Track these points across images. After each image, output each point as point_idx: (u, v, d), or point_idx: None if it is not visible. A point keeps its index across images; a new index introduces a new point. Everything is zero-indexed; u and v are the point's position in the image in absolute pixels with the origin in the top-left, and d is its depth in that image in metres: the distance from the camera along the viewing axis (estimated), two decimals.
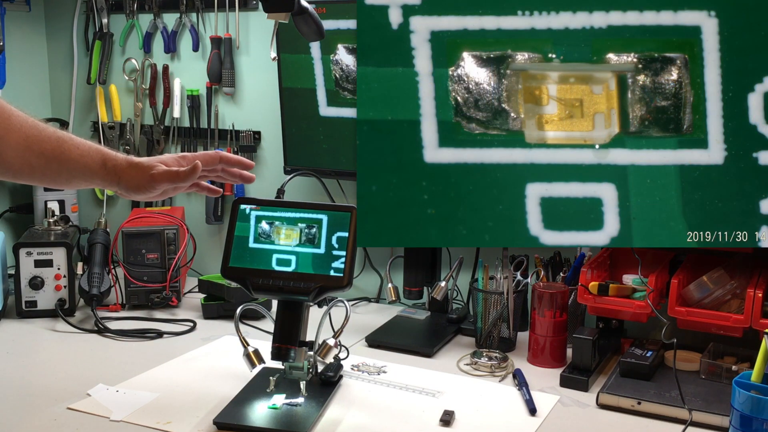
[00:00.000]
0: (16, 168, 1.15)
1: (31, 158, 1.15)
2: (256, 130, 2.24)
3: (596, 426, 1.39)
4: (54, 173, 1.18)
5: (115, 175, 1.23)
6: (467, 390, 1.53)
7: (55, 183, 1.22)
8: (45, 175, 1.18)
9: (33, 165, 1.16)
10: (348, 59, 1.86)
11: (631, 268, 1.64)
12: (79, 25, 2.44)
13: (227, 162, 1.38)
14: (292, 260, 1.39)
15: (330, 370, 1.51)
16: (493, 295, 1.72)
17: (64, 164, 1.18)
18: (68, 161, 1.18)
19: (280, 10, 1.48)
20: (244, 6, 2.19)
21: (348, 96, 1.89)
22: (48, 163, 1.17)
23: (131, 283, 1.98)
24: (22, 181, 1.21)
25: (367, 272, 2.14)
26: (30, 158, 1.15)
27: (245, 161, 1.40)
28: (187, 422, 1.37)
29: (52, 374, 1.60)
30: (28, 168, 1.16)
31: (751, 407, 1.19)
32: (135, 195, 1.26)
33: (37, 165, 1.16)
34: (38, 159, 1.16)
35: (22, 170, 1.16)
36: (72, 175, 1.20)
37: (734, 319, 1.49)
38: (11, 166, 1.14)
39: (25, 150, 1.14)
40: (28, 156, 1.15)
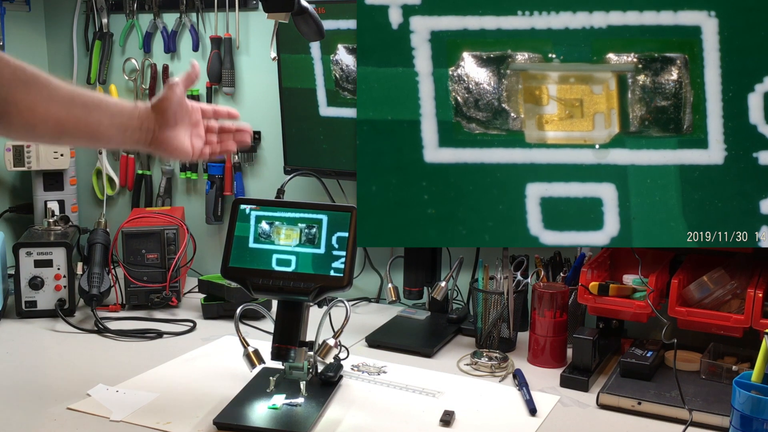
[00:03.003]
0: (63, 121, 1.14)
1: (76, 110, 1.15)
2: (256, 130, 2.24)
3: (596, 426, 1.39)
4: (96, 122, 1.17)
5: (146, 107, 1.24)
6: (467, 390, 1.53)
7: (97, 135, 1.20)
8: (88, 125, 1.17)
9: (78, 116, 1.15)
10: (348, 59, 1.86)
11: (631, 268, 1.64)
12: (79, 25, 2.44)
13: (219, 113, 1.36)
14: (292, 260, 1.39)
15: (330, 370, 1.51)
16: (493, 295, 1.72)
17: (105, 110, 1.18)
18: (108, 107, 1.19)
19: (280, 10, 1.48)
20: (244, 6, 2.19)
21: (348, 96, 1.89)
22: (90, 111, 1.16)
23: (131, 283, 1.98)
24: (67, 137, 1.19)
25: (367, 272, 2.14)
26: (75, 110, 1.15)
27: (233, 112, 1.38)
28: (187, 422, 1.37)
29: (52, 374, 1.60)
30: (74, 120, 1.15)
31: (752, 407, 1.19)
32: (164, 112, 1.24)
33: (82, 116, 1.15)
34: (82, 110, 1.15)
35: (68, 123, 1.14)
36: (113, 120, 1.19)
37: (734, 319, 1.49)
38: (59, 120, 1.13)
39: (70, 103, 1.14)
40: (72, 108, 1.15)
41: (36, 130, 1.13)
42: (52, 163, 2.28)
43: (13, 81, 1.08)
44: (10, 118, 1.09)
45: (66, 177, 2.33)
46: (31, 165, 2.26)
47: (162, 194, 2.38)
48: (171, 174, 2.38)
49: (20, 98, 1.09)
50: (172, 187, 2.40)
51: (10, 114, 1.08)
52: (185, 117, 1.28)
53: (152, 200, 2.41)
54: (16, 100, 1.08)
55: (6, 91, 1.07)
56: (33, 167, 2.26)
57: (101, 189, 2.46)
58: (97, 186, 2.47)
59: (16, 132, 1.12)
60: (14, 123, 1.10)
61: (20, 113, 1.09)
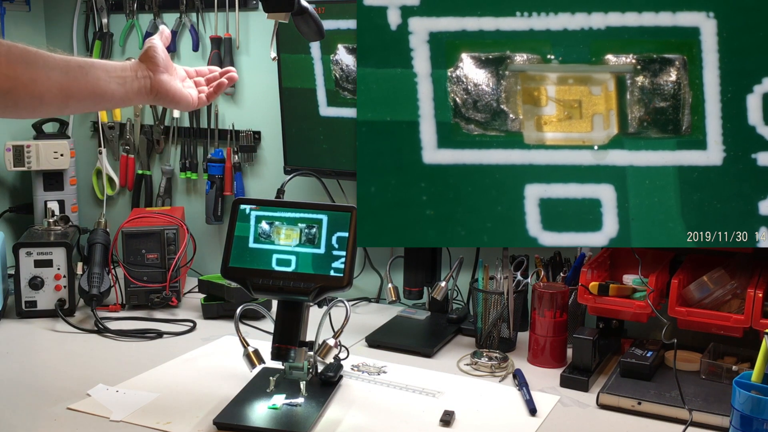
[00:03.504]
0: (66, 87, 1.17)
1: (75, 72, 1.18)
2: (256, 130, 2.24)
3: (596, 426, 1.39)
4: (95, 79, 1.21)
5: (138, 60, 1.29)
6: (467, 390, 1.53)
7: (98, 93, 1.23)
8: (88, 83, 1.20)
9: (78, 78, 1.18)
10: (348, 59, 1.86)
11: (631, 268, 1.64)
12: (79, 25, 2.44)
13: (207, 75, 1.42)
14: (292, 260, 1.39)
15: (330, 370, 1.52)
16: (493, 295, 1.72)
17: (101, 67, 1.22)
18: (102, 65, 1.22)
19: (280, 10, 1.48)
20: (244, 6, 2.19)
21: (348, 96, 1.88)
22: (86, 72, 1.19)
23: (131, 283, 1.98)
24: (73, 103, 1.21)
25: (367, 272, 2.14)
26: (74, 72, 1.18)
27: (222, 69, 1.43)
28: (187, 422, 1.37)
29: (52, 374, 1.60)
30: (75, 83, 1.18)
31: (752, 407, 1.19)
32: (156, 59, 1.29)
33: (80, 76, 1.18)
34: (80, 71, 1.18)
35: (71, 87, 1.17)
36: (110, 75, 1.23)
37: (734, 319, 1.49)
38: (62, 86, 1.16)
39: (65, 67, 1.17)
40: (70, 71, 1.17)
41: (44, 99, 1.15)
42: (52, 163, 2.28)
43: (11, 57, 1.11)
44: (16, 92, 1.11)
45: (66, 177, 2.33)
46: (31, 165, 2.26)
47: (162, 194, 2.38)
48: (171, 174, 2.38)
49: (21, 72, 1.11)
50: (172, 187, 2.40)
51: (16, 89, 1.11)
52: (173, 67, 1.34)
53: (152, 200, 2.42)
54: (18, 75, 1.11)
55: (6, 67, 1.09)
56: (33, 167, 2.27)
57: (101, 189, 2.46)
58: (97, 186, 2.47)
59: (24, 107, 1.15)
60: (21, 97, 1.12)
61: (25, 86, 1.12)
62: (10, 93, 1.11)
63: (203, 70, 1.43)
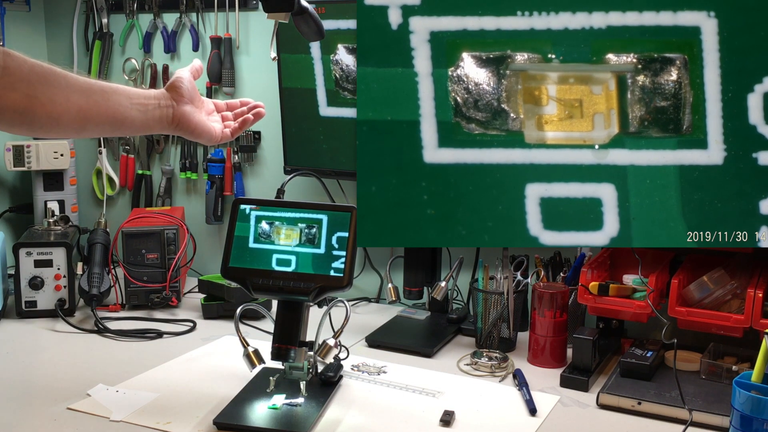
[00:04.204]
0: (84, 110, 1.17)
1: (96, 96, 1.18)
2: (256, 130, 2.24)
3: (596, 426, 1.39)
4: (116, 104, 1.21)
5: (161, 90, 1.28)
6: (467, 390, 1.53)
7: (118, 118, 1.22)
8: (108, 108, 1.20)
9: (98, 103, 1.18)
10: (348, 59, 1.86)
11: (631, 268, 1.64)
12: (79, 25, 2.44)
13: (232, 107, 1.42)
14: (292, 260, 1.39)
15: (330, 370, 1.51)
16: (493, 295, 1.72)
17: (123, 93, 1.22)
18: (124, 91, 1.23)
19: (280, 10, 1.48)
20: (244, 6, 2.19)
21: (348, 96, 1.88)
22: (108, 97, 1.20)
23: (131, 283, 1.98)
24: (91, 126, 1.21)
25: (367, 272, 2.14)
26: (94, 97, 1.18)
27: (247, 100, 1.44)
28: (187, 422, 1.37)
29: (52, 374, 1.60)
30: (95, 107, 1.18)
31: (752, 407, 1.19)
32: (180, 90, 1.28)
33: (101, 101, 1.19)
34: (101, 96, 1.19)
35: (90, 111, 1.17)
36: (132, 102, 1.23)
37: (734, 319, 1.49)
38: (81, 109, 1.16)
39: (88, 91, 1.17)
40: (91, 96, 1.18)
41: (61, 120, 1.15)
42: (52, 163, 2.28)
43: (32, 76, 1.11)
44: (34, 111, 1.11)
45: (66, 177, 2.33)
46: (31, 165, 2.26)
47: (162, 194, 2.38)
48: (171, 174, 2.38)
49: (41, 92, 1.11)
50: (172, 187, 2.40)
51: (34, 108, 1.11)
52: (199, 100, 1.33)
53: (152, 200, 2.42)
54: (38, 94, 1.11)
55: (26, 86, 1.09)
56: (33, 167, 2.26)
57: (101, 189, 2.46)
58: (97, 186, 2.47)
59: (40, 126, 1.14)
60: (38, 116, 1.12)
61: (43, 106, 1.12)
62: (27, 111, 1.10)
63: (234, 103, 1.42)
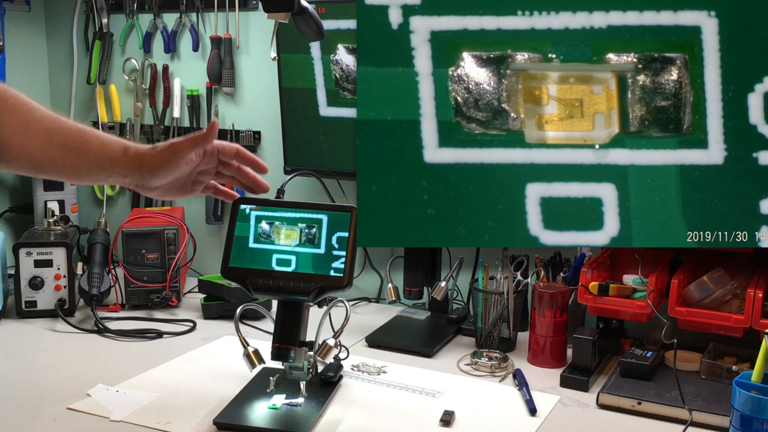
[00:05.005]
0: (37, 160, 1.14)
1: (53, 150, 1.15)
2: (256, 130, 2.24)
3: (596, 426, 1.39)
4: (74, 165, 1.17)
5: (136, 160, 1.19)
6: (467, 390, 1.53)
7: (76, 176, 1.20)
8: (66, 167, 1.17)
9: (54, 157, 1.15)
10: (348, 59, 1.86)
11: (631, 268, 1.64)
12: (79, 25, 2.44)
13: (243, 158, 1.31)
14: (292, 260, 1.39)
15: (330, 370, 1.51)
16: (493, 295, 1.72)
17: (85, 155, 1.17)
18: (89, 151, 1.17)
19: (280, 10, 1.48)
20: (244, 6, 2.19)
21: (348, 96, 1.89)
22: (69, 154, 1.16)
23: (131, 283, 1.98)
24: (43, 175, 1.20)
25: (367, 272, 2.14)
26: (51, 150, 1.15)
27: (260, 163, 1.33)
28: (187, 422, 1.37)
29: (52, 374, 1.60)
30: (49, 160, 1.15)
31: (752, 407, 1.19)
32: (157, 175, 1.20)
33: (59, 157, 1.15)
34: (59, 150, 1.15)
35: (42, 163, 1.15)
36: (93, 165, 1.18)
37: (734, 319, 1.49)
38: (33, 158, 1.14)
39: (47, 142, 1.14)
40: (49, 147, 1.14)
41: (9, 164, 1.13)
42: None
43: None
44: None
45: None
46: None
47: None
48: None
49: None
50: None
51: None
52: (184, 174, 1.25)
53: (152, 200, 2.41)
54: None
55: None
56: None
57: (101, 189, 2.46)
58: (97, 186, 2.47)
59: None
60: None
61: None
62: None
63: (246, 155, 1.31)
